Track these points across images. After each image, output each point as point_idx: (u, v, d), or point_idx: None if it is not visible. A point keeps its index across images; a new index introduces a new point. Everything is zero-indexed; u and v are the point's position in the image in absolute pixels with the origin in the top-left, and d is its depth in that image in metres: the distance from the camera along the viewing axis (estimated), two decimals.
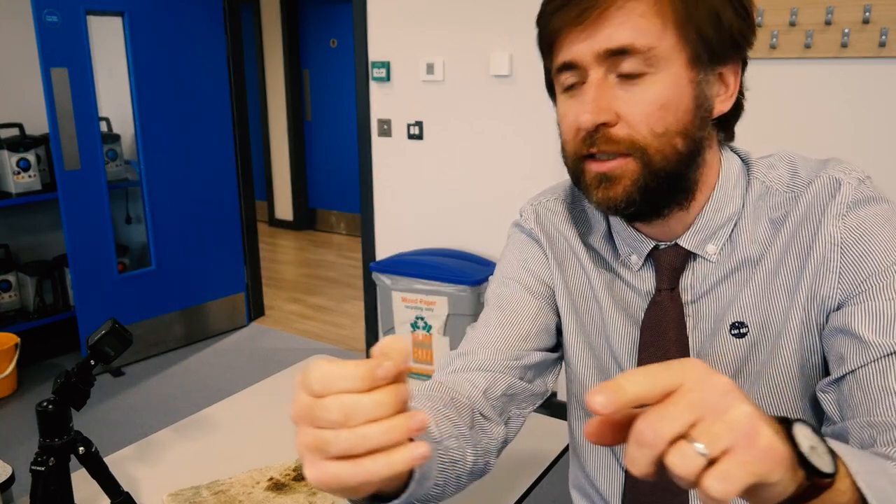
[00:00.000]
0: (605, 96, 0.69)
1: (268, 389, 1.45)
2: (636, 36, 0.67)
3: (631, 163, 0.70)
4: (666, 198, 0.74)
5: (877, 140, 2.09)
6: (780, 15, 2.12)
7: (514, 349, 0.85)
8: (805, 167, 0.78)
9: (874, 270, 0.69)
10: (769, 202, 0.77)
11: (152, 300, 3.41)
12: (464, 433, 0.73)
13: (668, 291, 0.80)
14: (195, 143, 3.47)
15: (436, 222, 3.07)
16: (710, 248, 0.78)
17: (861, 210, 0.71)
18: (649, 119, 0.69)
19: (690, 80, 0.70)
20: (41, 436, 0.93)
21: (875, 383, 0.67)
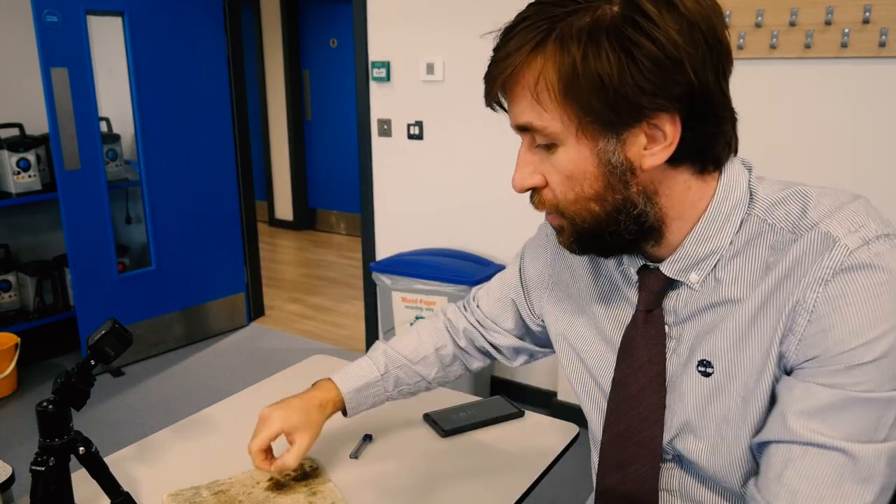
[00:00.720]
0: (530, 163, 0.74)
1: (268, 389, 1.45)
2: (532, 116, 0.70)
3: (562, 219, 0.75)
4: (609, 247, 0.76)
5: (877, 140, 2.09)
6: (780, 15, 2.12)
7: (494, 321, 1.10)
8: (818, 208, 0.70)
9: (830, 350, 0.65)
10: (768, 241, 0.72)
11: (152, 300, 3.41)
12: (428, 376, 1.15)
13: (644, 312, 0.80)
14: (195, 143, 3.47)
15: (436, 222, 3.07)
16: (693, 276, 0.76)
17: (848, 278, 0.65)
18: (561, 188, 0.73)
19: (590, 149, 0.69)
20: (41, 436, 0.93)
21: (775, 465, 0.69)
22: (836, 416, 0.65)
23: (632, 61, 0.63)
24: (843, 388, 0.65)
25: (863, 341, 0.64)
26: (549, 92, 0.67)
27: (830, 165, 2.17)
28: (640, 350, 0.81)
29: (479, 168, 2.89)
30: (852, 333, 0.64)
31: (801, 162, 2.21)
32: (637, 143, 0.69)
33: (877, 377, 0.64)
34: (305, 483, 1.10)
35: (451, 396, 1.40)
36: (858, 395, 0.64)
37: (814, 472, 0.66)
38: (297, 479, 1.11)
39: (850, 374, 0.64)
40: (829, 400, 0.65)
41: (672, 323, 0.79)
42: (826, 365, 0.65)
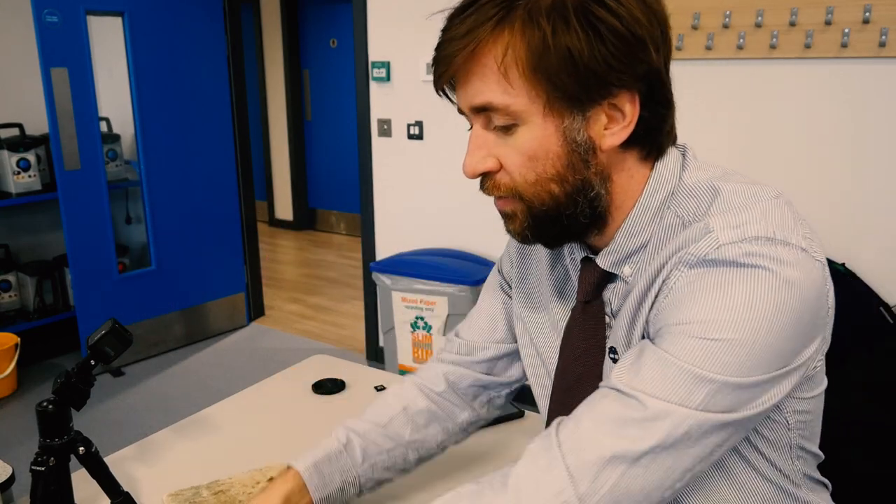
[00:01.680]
0: (484, 146, 0.72)
1: (268, 389, 1.45)
2: (491, 94, 0.68)
3: (517, 203, 0.73)
4: (562, 233, 0.75)
5: (877, 140, 2.09)
6: (780, 15, 2.12)
7: (482, 340, 0.99)
8: (724, 203, 0.70)
9: (672, 321, 0.66)
10: (675, 233, 0.72)
11: (152, 300, 3.41)
12: (401, 438, 0.97)
13: (582, 303, 0.81)
14: (195, 143, 3.47)
15: (436, 222, 3.07)
16: (627, 269, 0.76)
17: (708, 268, 0.65)
18: (521, 169, 0.71)
19: (556, 127, 0.68)
20: (41, 436, 0.93)
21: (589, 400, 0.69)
22: (651, 372, 0.64)
23: (599, 37, 0.64)
24: (664, 351, 0.65)
25: (699, 319, 0.64)
26: (518, 67, 0.66)
27: (830, 165, 2.17)
28: (577, 341, 0.81)
29: None
30: (696, 313, 0.64)
31: (802, 162, 2.21)
32: (599, 122, 0.69)
33: (702, 356, 0.63)
34: None
35: None
36: (679, 363, 0.63)
37: (604, 410, 0.66)
38: None
39: (675, 341, 0.64)
40: (651, 358, 0.65)
41: (611, 312, 0.79)
42: (665, 334, 0.66)
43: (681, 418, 0.63)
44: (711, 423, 0.63)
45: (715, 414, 0.63)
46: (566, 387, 0.83)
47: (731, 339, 0.62)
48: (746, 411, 0.64)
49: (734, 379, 0.63)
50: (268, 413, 1.35)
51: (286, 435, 1.26)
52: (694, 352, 0.63)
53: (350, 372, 1.51)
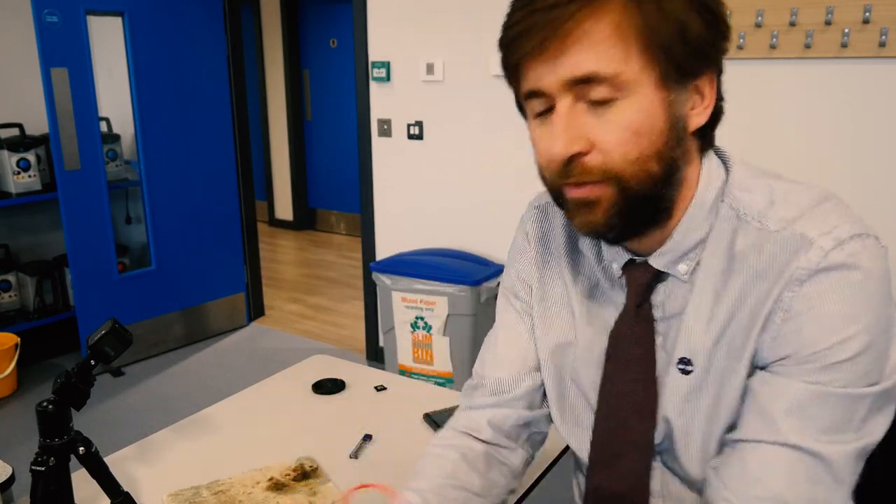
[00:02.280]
0: (574, 125, 0.67)
1: (268, 389, 1.45)
2: (600, 63, 0.64)
3: (606, 189, 0.69)
4: (645, 220, 0.72)
5: (877, 140, 2.09)
6: (780, 15, 2.12)
7: (514, 373, 0.91)
8: (785, 202, 0.71)
9: (805, 349, 0.66)
10: (733, 226, 0.73)
11: (152, 300, 3.41)
12: (472, 487, 0.87)
13: (633, 307, 0.79)
14: (195, 143, 3.47)
15: (436, 222, 3.07)
16: (682, 267, 0.75)
17: (822, 279, 0.66)
18: (623, 146, 0.67)
19: (662, 100, 0.67)
20: (41, 436, 0.93)
21: (751, 464, 0.69)
22: (811, 411, 0.66)
23: (700, 13, 0.66)
24: (817, 384, 0.66)
25: (836, 340, 0.65)
26: (634, 33, 0.64)
27: (830, 166, 2.17)
28: (630, 347, 0.79)
29: (479, 168, 2.89)
30: (826, 332, 0.66)
31: (802, 162, 2.21)
32: (690, 101, 0.70)
33: (850, 375, 0.66)
34: (305, 483, 1.10)
35: (451, 396, 1.40)
36: (832, 390, 0.66)
37: (790, 476, 0.67)
38: (297, 479, 1.11)
39: (824, 372, 0.66)
40: (803, 396, 0.66)
41: (660, 318, 0.78)
42: (801, 363, 0.67)
43: (860, 450, 0.67)
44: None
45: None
46: (616, 393, 0.81)
47: (867, 346, 0.66)
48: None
49: (881, 385, 0.67)
50: (268, 413, 1.35)
51: (286, 435, 1.26)
52: (843, 374, 0.66)
53: (350, 372, 1.51)
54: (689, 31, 0.65)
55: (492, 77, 2.77)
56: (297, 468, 1.14)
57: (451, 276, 2.69)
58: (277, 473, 1.12)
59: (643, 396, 0.79)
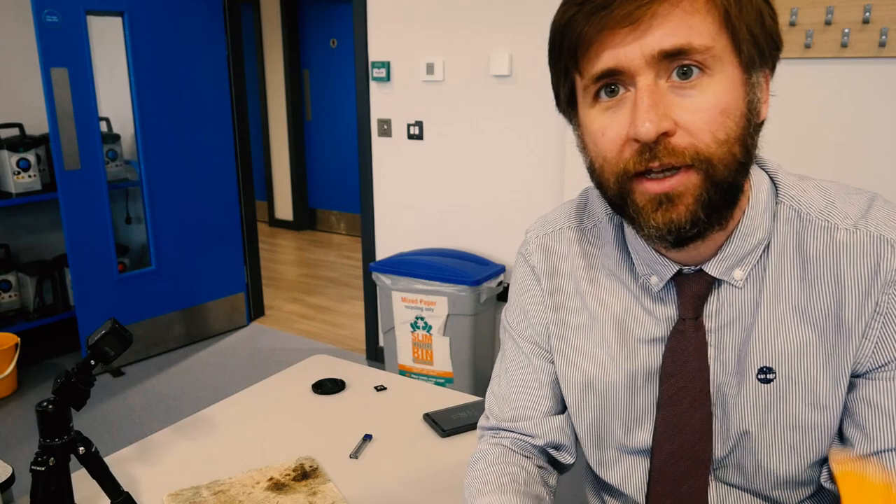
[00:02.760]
0: (662, 102, 0.62)
1: (268, 389, 1.45)
2: (693, 35, 0.61)
3: (693, 176, 0.64)
4: (726, 212, 0.68)
5: (877, 140, 2.10)
6: (780, 15, 2.10)
7: (533, 423, 0.87)
8: (841, 199, 0.72)
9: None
10: (798, 228, 0.71)
11: (152, 300, 3.41)
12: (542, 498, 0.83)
13: (692, 320, 0.75)
14: (195, 143, 3.47)
15: (436, 222, 3.07)
16: (738, 273, 0.72)
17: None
18: (712, 126, 0.62)
19: (744, 82, 0.64)
20: (41, 436, 0.93)
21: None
22: None
23: (769, 7, 0.66)
24: None
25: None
26: (723, 10, 0.62)
27: (830, 166, 2.17)
28: (690, 362, 0.75)
29: (479, 168, 2.89)
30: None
31: (801, 162, 2.21)
32: (759, 91, 0.67)
33: None
34: (305, 483, 1.10)
35: (451, 396, 1.40)
36: None
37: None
38: (297, 479, 1.11)
39: None
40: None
41: (712, 329, 0.75)
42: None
43: None
44: None
45: None
46: (679, 412, 0.77)
47: None
48: None
49: None
50: (268, 413, 1.35)
51: (286, 435, 1.26)
52: None
53: (350, 372, 1.51)
54: (765, 17, 0.65)
55: (492, 77, 2.77)
56: (297, 468, 1.14)
57: (451, 276, 2.69)
58: (277, 473, 1.12)
59: (703, 412, 0.76)
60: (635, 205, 0.66)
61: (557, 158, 2.64)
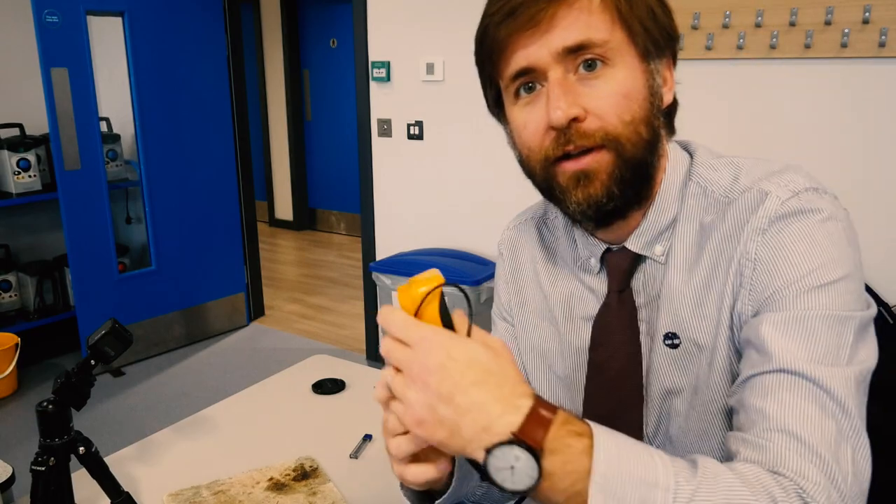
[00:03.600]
0: (570, 92, 0.70)
1: (268, 389, 1.45)
2: (590, 31, 0.69)
3: (605, 155, 0.71)
4: (639, 189, 0.75)
5: (877, 140, 2.09)
6: (780, 15, 2.12)
7: None
8: (749, 175, 0.75)
9: (781, 285, 0.67)
10: (702, 204, 0.76)
11: (152, 300, 3.41)
12: None
13: (616, 293, 0.81)
14: (195, 143, 3.47)
15: (436, 222, 3.07)
16: (658, 249, 0.78)
17: (782, 224, 0.69)
18: (617, 109, 0.70)
19: (643, 70, 0.72)
20: (41, 436, 0.93)
21: (754, 399, 0.65)
22: (801, 339, 0.65)
23: (662, 6, 0.74)
24: (802, 310, 0.66)
25: (808, 270, 0.67)
26: (614, 7, 0.70)
27: (830, 166, 2.17)
28: (616, 333, 0.80)
29: (479, 168, 2.89)
30: (799, 267, 0.67)
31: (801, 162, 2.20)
32: (659, 79, 0.74)
33: (831, 300, 0.66)
34: (305, 483, 1.10)
35: None
36: (818, 313, 0.65)
37: (795, 401, 0.63)
38: (297, 479, 1.11)
39: (805, 297, 0.66)
40: (791, 324, 0.66)
41: (642, 303, 0.79)
42: (782, 299, 0.67)
43: (857, 377, 0.65)
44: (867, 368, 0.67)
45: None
46: (606, 381, 0.81)
47: (843, 276, 0.67)
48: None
49: (867, 311, 0.68)
50: (268, 413, 1.35)
51: (286, 435, 1.26)
52: (820, 300, 0.66)
53: (350, 372, 1.51)
54: (657, 13, 0.72)
55: None
56: (297, 468, 1.14)
57: (450, 277, 2.69)
58: (277, 473, 1.13)
59: (633, 381, 0.79)
60: (560, 185, 0.74)
61: None
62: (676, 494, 0.54)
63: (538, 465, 0.54)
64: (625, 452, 0.56)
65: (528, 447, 0.54)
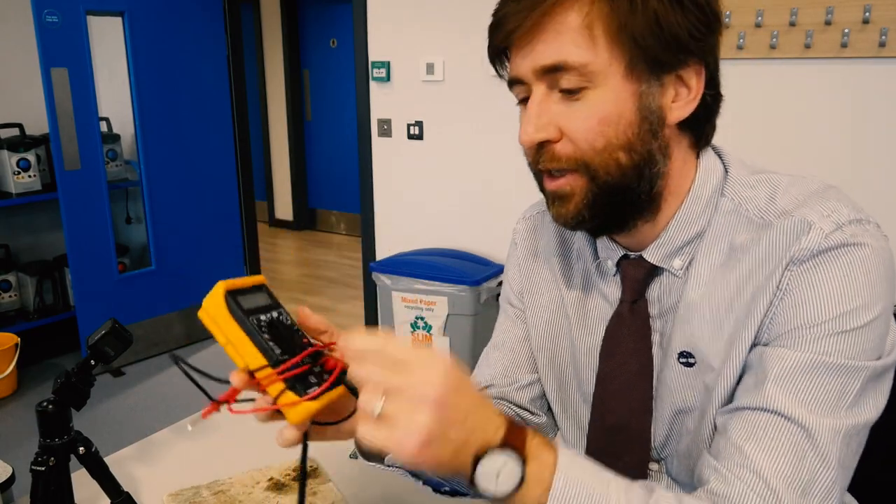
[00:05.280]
0: (546, 113, 0.69)
1: None
2: (568, 52, 0.66)
3: (578, 179, 0.70)
4: (620, 213, 0.72)
5: (877, 140, 2.09)
6: (780, 15, 2.12)
7: (505, 373, 0.92)
8: (786, 195, 0.71)
9: (804, 323, 0.65)
10: (733, 222, 0.72)
11: (152, 300, 3.41)
12: None
13: (629, 303, 0.79)
14: (195, 143, 3.47)
15: (436, 222, 3.07)
16: (677, 262, 0.75)
17: (822, 259, 0.66)
18: (589, 135, 0.68)
19: (632, 92, 0.68)
20: (41, 436, 0.93)
21: (738, 433, 0.65)
22: (803, 381, 0.64)
23: (681, 4, 0.66)
24: (814, 353, 0.64)
25: (837, 313, 0.64)
26: (602, 25, 0.65)
27: (830, 166, 2.17)
28: (626, 343, 0.79)
29: (479, 168, 2.89)
30: (827, 306, 0.65)
31: (801, 162, 2.20)
32: (668, 94, 0.70)
33: (849, 347, 0.64)
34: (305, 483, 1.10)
35: None
36: (829, 360, 0.64)
37: (771, 443, 0.63)
38: (297, 479, 1.11)
39: (822, 342, 0.64)
40: (797, 365, 0.64)
41: (656, 314, 0.77)
42: (800, 335, 0.65)
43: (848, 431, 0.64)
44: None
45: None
46: (613, 391, 0.80)
47: (871, 320, 0.64)
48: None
49: (881, 361, 0.66)
50: None
51: None
52: (839, 346, 0.64)
53: None
54: (665, 23, 0.66)
55: (492, 77, 2.76)
56: (297, 468, 1.14)
57: (451, 276, 2.69)
58: (277, 473, 1.12)
59: (640, 392, 0.78)
60: (545, 196, 0.75)
61: None
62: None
63: (522, 470, 0.56)
64: (583, 474, 0.58)
65: (517, 452, 0.56)
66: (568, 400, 0.88)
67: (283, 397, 0.58)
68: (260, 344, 0.59)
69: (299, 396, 0.58)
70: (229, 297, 0.58)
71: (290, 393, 0.58)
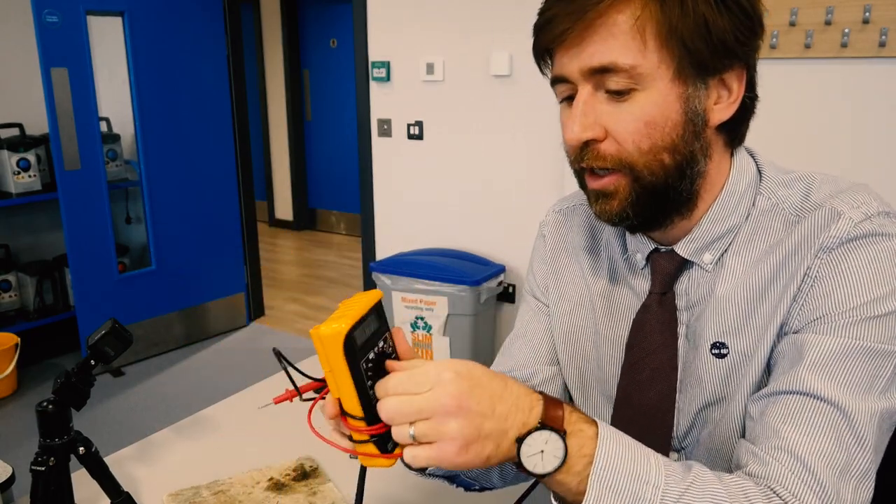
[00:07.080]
0: (592, 112, 0.70)
1: (268, 389, 1.45)
2: (618, 54, 0.67)
3: (621, 178, 0.71)
4: (662, 211, 0.74)
5: (877, 140, 2.09)
6: (780, 15, 2.12)
7: (525, 366, 0.92)
8: (820, 191, 0.73)
9: (836, 309, 0.67)
10: (770, 220, 0.75)
11: (152, 300, 3.41)
12: None
13: (658, 295, 0.80)
14: (195, 143, 3.47)
15: (436, 222, 3.07)
16: (707, 256, 0.77)
17: (851, 247, 0.67)
18: (635, 136, 0.69)
19: (679, 95, 0.69)
20: (41, 436, 0.93)
21: (774, 417, 0.66)
22: (837, 365, 0.65)
23: (728, 8, 0.67)
24: (846, 338, 0.66)
25: (867, 300, 0.66)
26: (653, 28, 0.66)
27: (830, 166, 2.17)
28: (654, 334, 0.80)
29: (479, 168, 2.89)
30: (856, 293, 0.66)
31: (802, 162, 2.20)
32: (711, 97, 0.71)
33: (880, 332, 0.66)
34: (305, 483, 1.10)
35: None
36: (861, 344, 0.65)
37: (810, 425, 0.64)
38: (297, 479, 1.11)
39: (853, 327, 0.66)
40: (830, 350, 0.66)
41: (683, 307, 0.79)
42: (831, 321, 0.67)
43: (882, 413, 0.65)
44: None
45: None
46: (638, 382, 0.81)
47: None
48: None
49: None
50: (268, 413, 1.35)
51: (286, 435, 1.26)
52: (871, 331, 0.65)
53: None
54: (714, 27, 0.67)
55: (492, 77, 2.77)
56: (297, 468, 1.14)
57: (451, 276, 2.69)
58: (277, 473, 1.12)
59: (665, 385, 0.79)
60: (587, 193, 0.76)
61: (557, 158, 2.64)
62: (665, 494, 0.58)
63: (565, 445, 0.58)
64: (623, 447, 0.60)
65: (555, 430, 0.58)
66: (589, 392, 0.89)
67: (365, 447, 0.61)
68: (363, 398, 0.60)
69: (380, 452, 0.61)
70: (347, 343, 0.59)
71: (371, 446, 0.61)
